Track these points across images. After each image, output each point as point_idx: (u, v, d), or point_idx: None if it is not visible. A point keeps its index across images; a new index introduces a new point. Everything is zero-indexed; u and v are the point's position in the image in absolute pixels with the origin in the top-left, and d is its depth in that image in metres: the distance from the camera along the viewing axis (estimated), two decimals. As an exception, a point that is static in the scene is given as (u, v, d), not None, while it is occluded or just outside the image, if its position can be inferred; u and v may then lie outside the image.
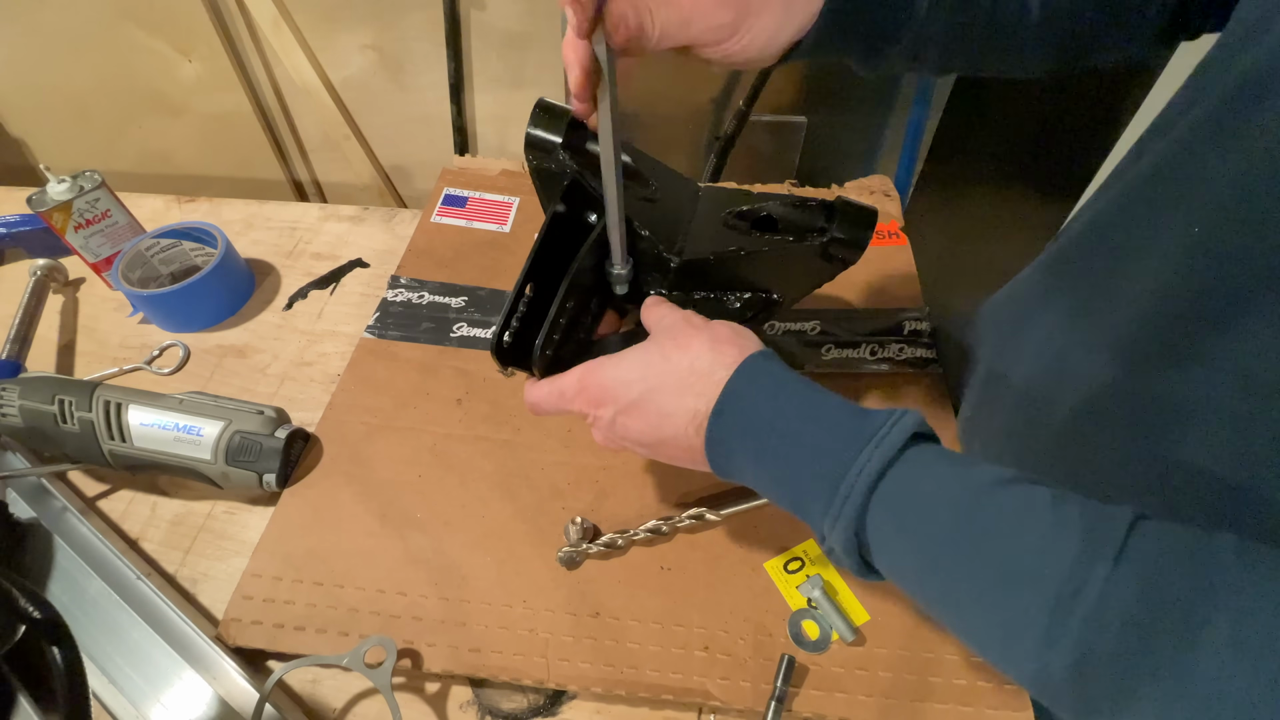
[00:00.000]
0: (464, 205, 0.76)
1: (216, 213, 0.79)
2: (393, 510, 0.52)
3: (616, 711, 0.46)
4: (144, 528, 0.53)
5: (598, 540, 0.50)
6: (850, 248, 0.44)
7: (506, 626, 0.47)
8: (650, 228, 0.43)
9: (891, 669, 0.45)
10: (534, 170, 0.45)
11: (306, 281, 0.72)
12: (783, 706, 0.43)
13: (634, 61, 0.37)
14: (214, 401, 0.53)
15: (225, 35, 0.95)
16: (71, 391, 0.51)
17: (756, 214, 0.47)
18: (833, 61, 0.42)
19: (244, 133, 1.06)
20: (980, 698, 0.44)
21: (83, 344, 0.66)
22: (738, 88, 0.90)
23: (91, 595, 0.47)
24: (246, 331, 0.67)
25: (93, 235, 0.66)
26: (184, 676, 0.44)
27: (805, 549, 0.51)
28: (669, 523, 0.50)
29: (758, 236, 0.45)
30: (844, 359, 0.62)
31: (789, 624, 0.47)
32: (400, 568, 0.49)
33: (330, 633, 0.46)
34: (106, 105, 1.05)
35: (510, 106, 1.00)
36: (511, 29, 0.91)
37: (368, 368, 0.61)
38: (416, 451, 0.56)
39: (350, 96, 1.01)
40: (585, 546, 0.49)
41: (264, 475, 0.51)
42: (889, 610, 0.48)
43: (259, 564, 0.49)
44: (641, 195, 0.46)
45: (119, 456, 0.51)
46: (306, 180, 1.16)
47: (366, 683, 0.46)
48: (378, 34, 0.94)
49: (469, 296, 0.67)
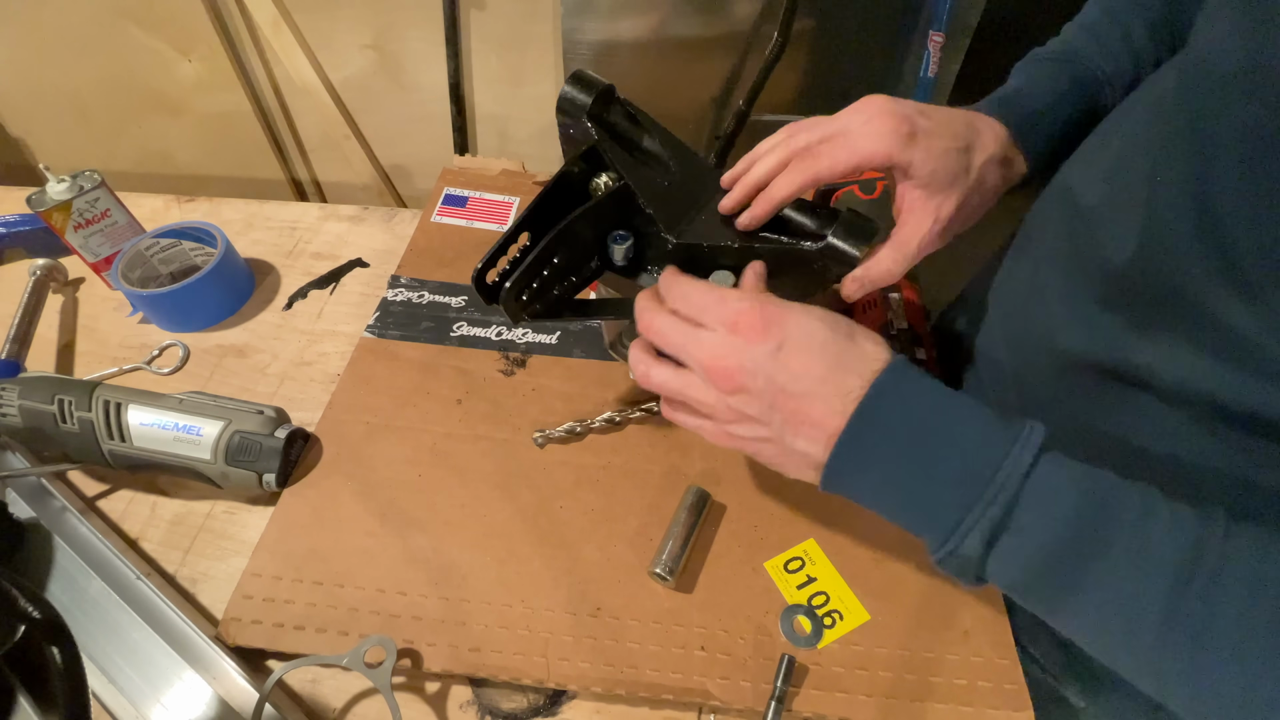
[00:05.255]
0: (464, 205, 0.77)
1: (216, 212, 0.79)
2: (393, 510, 0.52)
3: (616, 711, 0.46)
4: (144, 528, 0.53)
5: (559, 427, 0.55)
6: (844, 261, 0.43)
7: (506, 626, 0.47)
8: (655, 206, 0.44)
9: (891, 669, 0.45)
10: (563, 134, 0.46)
11: (306, 281, 0.72)
12: (783, 706, 0.43)
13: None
14: (214, 401, 0.53)
15: (225, 35, 0.96)
16: (71, 391, 0.51)
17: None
18: (832, 59, 0.43)
19: (244, 133, 1.07)
20: (980, 698, 0.44)
21: (82, 344, 0.66)
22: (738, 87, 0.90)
23: (91, 595, 0.47)
24: (246, 331, 0.67)
25: (92, 235, 0.66)
26: (184, 676, 0.44)
27: (805, 549, 0.51)
28: (622, 413, 0.57)
29: (759, 234, 0.45)
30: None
31: (780, 619, 0.47)
32: (400, 567, 0.49)
33: (330, 632, 0.46)
34: (106, 105, 1.05)
35: (510, 106, 1.00)
36: (511, 29, 0.91)
37: (368, 367, 0.61)
38: (416, 451, 0.56)
39: (350, 96, 1.01)
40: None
41: (264, 475, 0.51)
42: (889, 610, 0.48)
43: (259, 563, 0.49)
44: (657, 175, 0.47)
45: (119, 456, 0.51)
46: (306, 180, 1.16)
47: (366, 682, 0.46)
48: (378, 34, 0.94)
49: (469, 296, 0.67)
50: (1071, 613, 0.32)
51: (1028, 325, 0.47)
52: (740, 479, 0.55)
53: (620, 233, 0.46)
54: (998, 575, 0.32)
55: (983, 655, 0.46)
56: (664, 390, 0.39)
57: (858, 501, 0.36)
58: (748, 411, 0.36)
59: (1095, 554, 0.30)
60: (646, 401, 0.58)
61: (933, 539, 0.33)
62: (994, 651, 0.46)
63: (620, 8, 0.83)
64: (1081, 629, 0.32)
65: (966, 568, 0.32)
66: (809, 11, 0.81)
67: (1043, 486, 0.30)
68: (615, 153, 0.45)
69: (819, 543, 0.51)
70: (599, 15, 0.84)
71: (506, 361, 0.62)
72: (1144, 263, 0.35)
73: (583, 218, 0.43)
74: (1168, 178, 0.34)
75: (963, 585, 0.34)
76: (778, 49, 0.80)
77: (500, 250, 0.43)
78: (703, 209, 0.47)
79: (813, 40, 0.85)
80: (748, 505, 0.53)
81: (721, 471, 0.55)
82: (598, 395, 0.60)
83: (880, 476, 0.34)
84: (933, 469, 0.32)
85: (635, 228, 0.46)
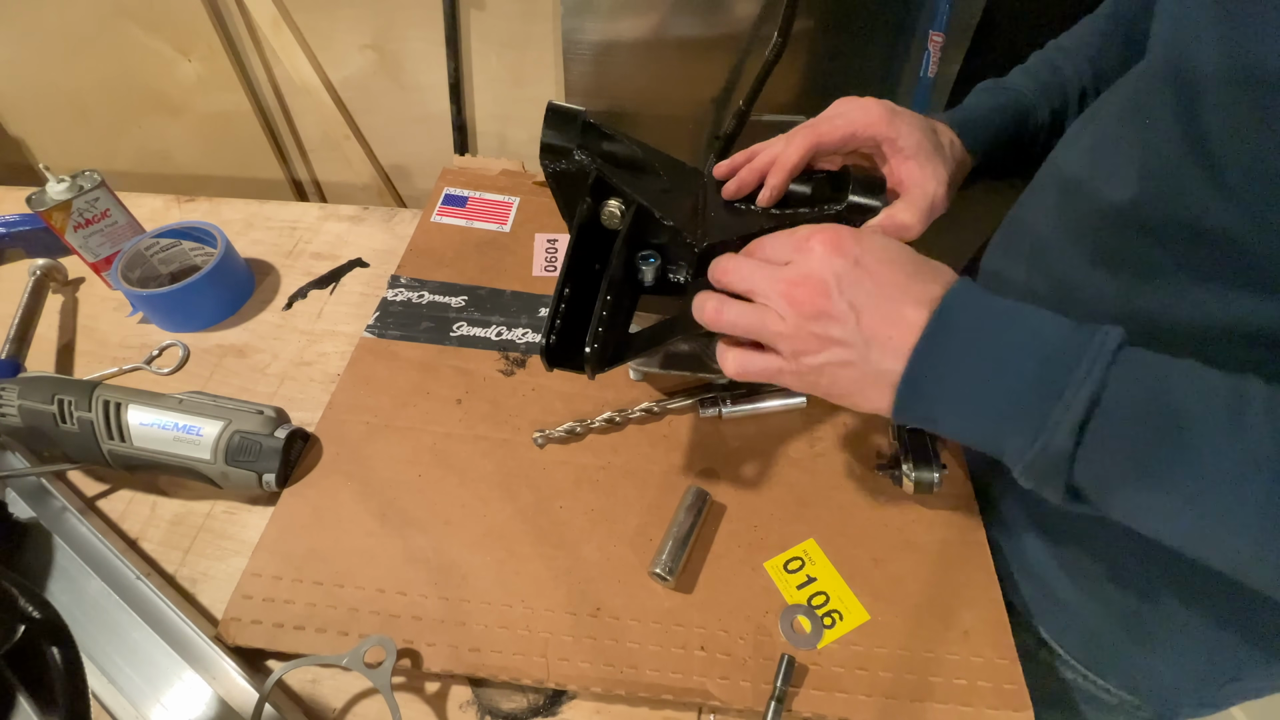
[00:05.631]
0: (464, 205, 0.77)
1: (216, 212, 0.79)
2: (393, 510, 0.52)
3: (616, 711, 0.46)
4: (143, 527, 0.53)
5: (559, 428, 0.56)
6: (867, 213, 0.44)
7: (506, 626, 0.47)
8: (673, 218, 0.44)
9: (891, 669, 0.45)
10: (551, 175, 0.45)
11: (306, 281, 0.72)
12: (783, 706, 0.43)
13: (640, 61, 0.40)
14: (213, 401, 0.53)
15: (225, 35, 0.95)
16: (71, 391, 0.51)
17: None
18: (832, 59, 0.44)
19: (244, 132, 1.06)
20: (980, 698, 0.44)
21: (82, 344, 0.66)
22: (738, 87, 0.90)
23: (91, 595, 0.47)
24: (246, 331, 0.67)
25: (92, 235, 0.66)
26: (184, 676, 0.44)
27: (805, 549, 0.51)
28: (622, 414, 0.57)
29: (774, 213, 0.46)
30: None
31: (780, 618, 0.47)
32: (400, 567, 0.49)
33: (330, 632, 0.46)
34: (106, 105, 1.05)
35: (510, 106, 1.00)
36: (511, 29, 0.91)
37: (367, 367, 0.61)
38: (416, 451, 0.56)
39: (350, 96, 1.01)
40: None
41: (264, 475, 0.51)
42: (889, 610, 0.48)
43: (259, 563, 0.49)
44: (658, 187, 0.46)
45: (118, 456, 0.51)
46: (306, 180, 1.16)
47: (366, 682, 0.46)
48: (378, 34, 0.94)
49: (469, 296, 0.67)
50: (1165, 504, 0.30)
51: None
52: (740, 479, 0.55)
53: (644, 254, 0.45)
54: (1088, 471, 0.31)
55: (983, 655, 0.46)
56: (738, 327, 0.38)
57: (932, 425, 0.35)
58: (830, 333, 0.35)
59: (1190, 429, 0.29)
60: (645, 402, 0.58)
61: (1019, 441, 0.32)
62: (994, 651, 0.46)
63: (620, 8, 0.83)
64: (1176, 522, 0.31)
65: (1056, 469, 0.31)
66: (809, 11, 0.81)
67: (1129, 367, 0.30)
68: (618, 175, 0.44)
69: (819, 543, 0.51)
70: (599, 15, 0.84)
71: (506, 361, 0.62)
72: (1144, 196, 0.36)
73: (619, 253, 0.42)
74: (1157, 114, 0.35)
75: (1052, 498, 0.33)
76: (778, 49, 0.80)
77: (556, 314, 0.42)
78: (709, 205, 0.47)
79: (813, 40, 0.84)
80: (748, 505, 0.53)
81: (721, 471, 0.55)
82: (597, 395, 0.60)
83: (959, 382, 0.33)
84: (1015, 364, 0.32)
85: (657, 245, 0.45)
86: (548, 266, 0.71)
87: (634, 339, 0.46)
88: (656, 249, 0.45)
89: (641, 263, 0.45)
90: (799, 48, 0.84)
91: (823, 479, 0.55)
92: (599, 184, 0.44)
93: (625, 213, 0.44)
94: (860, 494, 0.54)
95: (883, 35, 0.85)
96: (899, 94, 0.94)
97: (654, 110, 0.94)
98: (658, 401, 0.58)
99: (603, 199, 0.45)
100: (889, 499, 0.54)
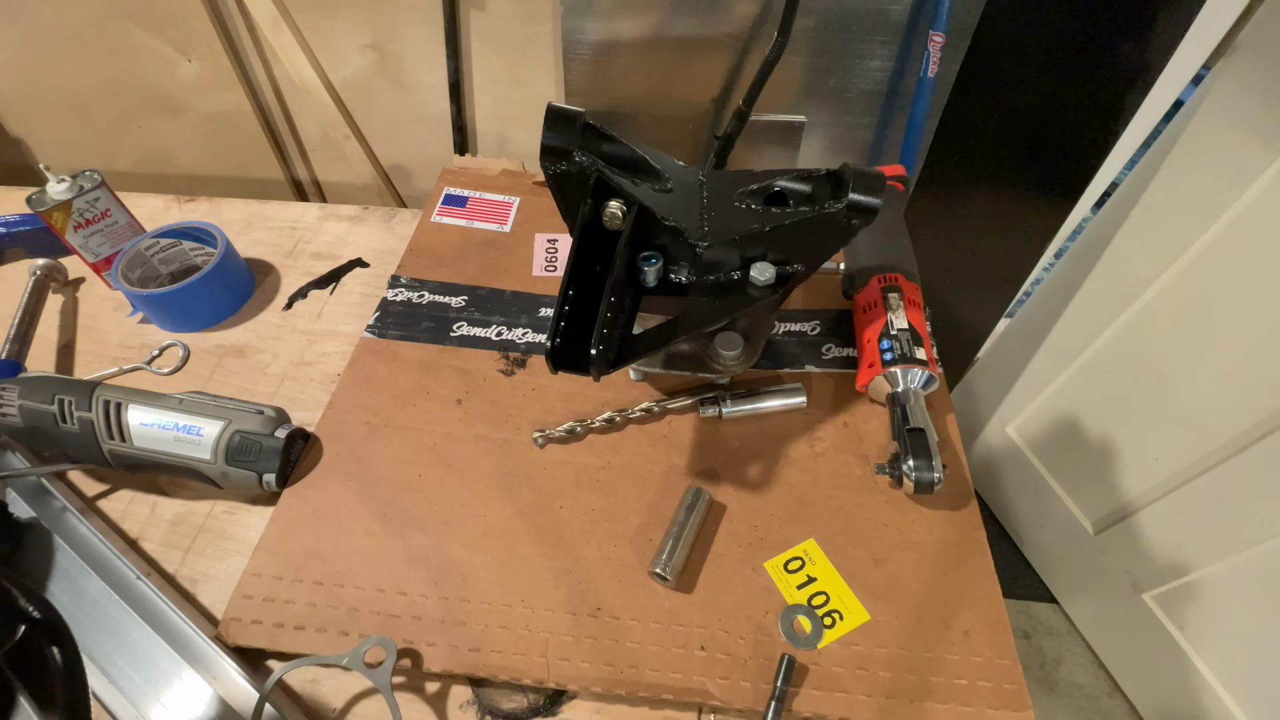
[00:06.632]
0: (464, 205, 0.77)
1: (216, 212, 0.79)
2: (392, 510, 0.52)
3: (616, 711, 0.46)
4: (144, 527, 0.53)
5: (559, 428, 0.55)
6: (866, 212, 0.44)
7: (506, 626, 0.47)
8: (675, 218, 0.44)
9: (891, 669, 0.45)
10: (552, 177, 0.45)
11: (306, 281, 0.72)
12: (783, 706, 0.43)
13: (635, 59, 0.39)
14: (214, 401, 0.53)
15: (225, 35, 0.95)
16: (71, 391, 0.51)
17: (767, 191, 0.47)
18: (832, 59, 0.43)
19: (244, 132, 1.06)
20: (980, 698, 0.44)
21: (82, 344, 0.66)
22: (738, 87, 0.90)
23: (91, 595, 0.47)
24: (246, 331, 0.67)
25: (92, 235, 0.66)
26: (184, 676, 0.44)
27: (805, 549, 0.51)
28: (622, 414, 0.56)
29: (775, 212, 0.46)
30: (844, 358, 0.62)
31: (780, 618, 0.47)
32: (400, 567, 0.49)
33: (330, 632, 0.46)
34: (106, 105, 1.05)
35: (510, 106, 1.00)
36: (511, 29, 0.91)
37: (368, 367, 0.61)
38: (416, 451, 0.56)
39: (350, 96, 1.01)
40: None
41: (264, 475, 0.51)
42: (889, 610, 0.48)
43: (259, 563, 0.49)
44: (658, 188, 0.46)
45: (119, 456, 0.51)
46: (306, 180, 1.16)
47: (366, 682, 0.46)
48: (377, 34, 0.94)
49: (469, 296, 0.67)
50: None
51: None
52: (740, 479, 0.55)
53: (645, 254, 0.45)
54: None
55: (983, 655, 0.46)
56: None
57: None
58: None
59: None
60: (645, 402, 0.58)
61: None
62: (994, 651, 0.46)
63: (620, 8, 0.83)
64: None
65: None
66: (809, 11, 0.81)
67: None
68: (619, 176, 0.44)
69: (819, 543, 0.51)
70: (599, 15, 0.84)
71: (506, 361, 0.62)
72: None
73: (621, 254, 0.42)
74: None
75: None
76: (778, 49, 0.80)
77: (560, 317, 0.42)
78: (709, 205, 0.47)
79: (813, 40, 0.84)
80: (748, 505, 0.53)
81: (722, 471, 0.55)
82: (597, 395, 0.60)
83: None
84: None
85: (658, 246, 0.45)
86: (548, 266, 0.71)
87: (638, 340, 0.46)
88: (658, 250, 0.45)
89: (643, 264, 0.45)
90: (799, 48, 0.84)
91: (823, 479, 0.55)
92: (600, 185, 0.44)
93: (627, 214, 0.44)
94: (860, 494, 0.54)
95: (883, 35, 0.85)
96: (899, 94, 0.94)
97: (654, 110, 0.94)
98: (658, 401, 0.58)
99: (604, 200, 0.45)
100: (889, 499, 0.54)
